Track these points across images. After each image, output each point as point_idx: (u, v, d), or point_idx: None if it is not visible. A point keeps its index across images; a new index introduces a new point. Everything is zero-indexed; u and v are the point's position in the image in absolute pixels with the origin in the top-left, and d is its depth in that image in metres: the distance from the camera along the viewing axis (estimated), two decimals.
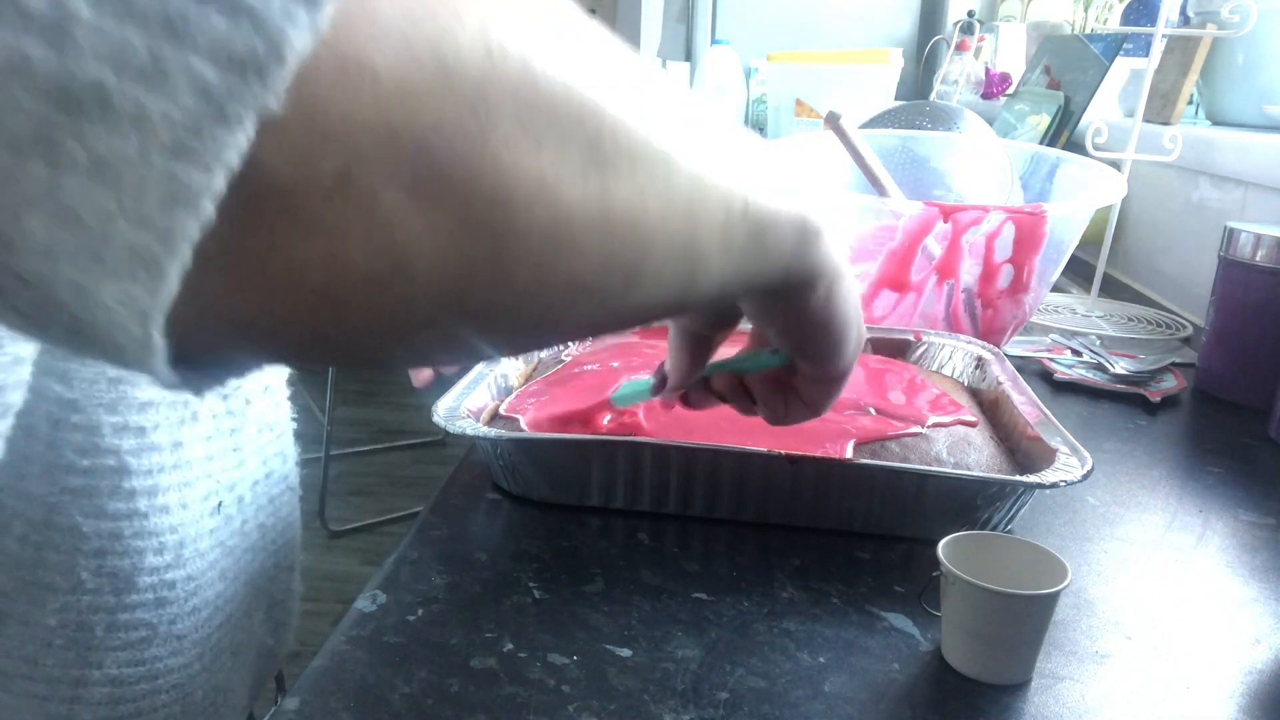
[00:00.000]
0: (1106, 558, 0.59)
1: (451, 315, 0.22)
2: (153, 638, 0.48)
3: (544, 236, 0.22)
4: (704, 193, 0.27)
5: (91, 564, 0.45)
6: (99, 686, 0.46)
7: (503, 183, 0.20)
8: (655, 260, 0.26)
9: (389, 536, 2.37)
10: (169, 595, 0.48)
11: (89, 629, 0.45)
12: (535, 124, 0.20)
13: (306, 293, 0.19)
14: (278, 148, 0.17)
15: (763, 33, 2.63)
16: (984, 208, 0.83)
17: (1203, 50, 1.21)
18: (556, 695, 0.44)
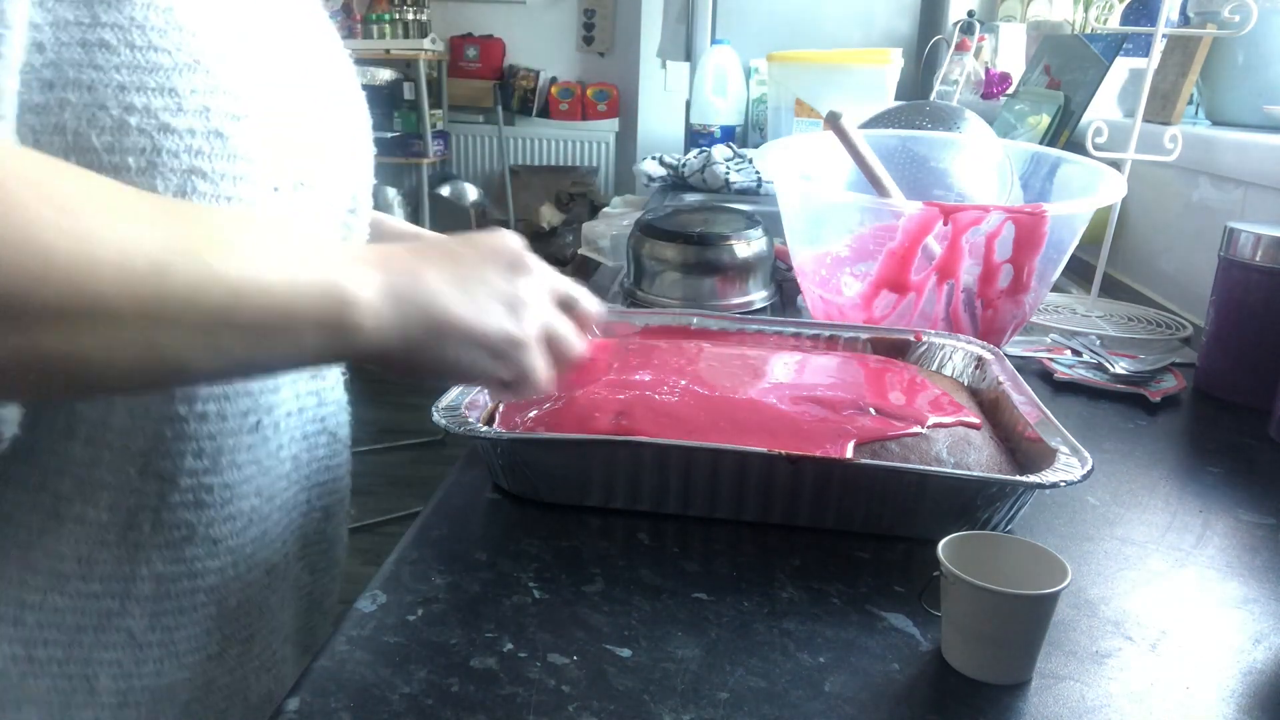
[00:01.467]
0: (1106, 558, 0.59)
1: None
2: (192, 537, 0.52)
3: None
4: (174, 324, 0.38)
5: (138, 463, 0.49)
6: (146, 583, 0.51)
7: None
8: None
9: (389, 536, 2.37)
10: (206, 499, 0.52)
11: (137, 527, 0.50)
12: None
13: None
14: None
15: (763, 33, 2.62)
16: (984, 208, 0.83)
17: (1203, 50, 1.21)
18: (556, 695, 0.44)
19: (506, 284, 0.49)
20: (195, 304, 0.38)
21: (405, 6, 4.16)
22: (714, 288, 1.03)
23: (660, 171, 1.98)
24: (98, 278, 0.35)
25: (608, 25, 4.35)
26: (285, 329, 0.41)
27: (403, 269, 0.45)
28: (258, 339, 0.40)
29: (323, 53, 0.60)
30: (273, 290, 0.40)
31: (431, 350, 0.46)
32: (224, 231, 0.41)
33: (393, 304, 0.44)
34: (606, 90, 4.37)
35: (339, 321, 0.42)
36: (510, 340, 0.49)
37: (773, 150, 0.99)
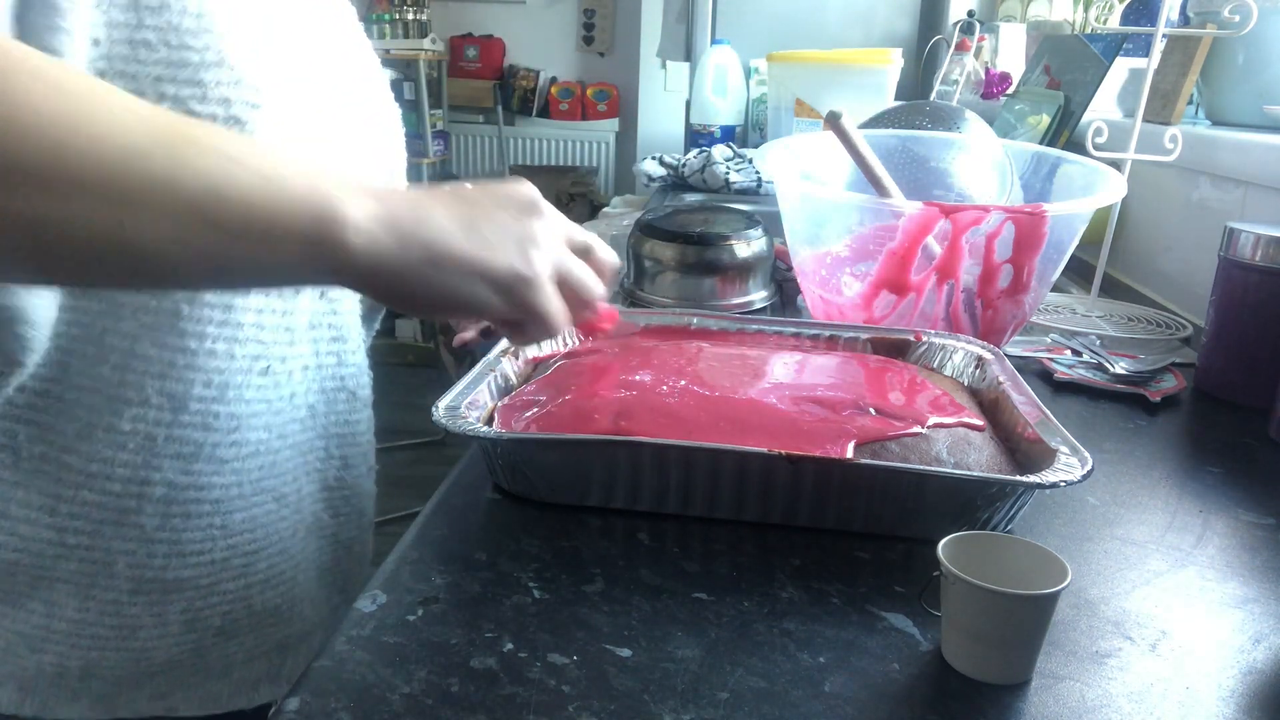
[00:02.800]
0: (1106, 558, 0.59)
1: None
2: (199, 454, 0.58)
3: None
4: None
5: (155, 384, 0.56)
6: (158, 487, 0.58)
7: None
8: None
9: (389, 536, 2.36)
10: (213, 423, 0.58)
11: (153, 439, 0.57)
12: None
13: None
14: None
15: (763, 33, 2.62)
16: (984, 208, 0.83)
17: (1203, 50, 1.21)
18: (556, 695, 0.44)
19: (518, 223, 0.49)
20: (169, 192, 0.39)
21: (405, 6, 4.16)
22: (714, 288, 1.03)
23: (660, 171, 1.98)
24: (73, 148, 0.37)
25: (608, 25, 4.35)
26: (264, 236, 0.41)
27: (406, 202, 0.46)
28: (233, 240, 0.41)
29: (347, 54, 0.65)
30: (253, 192, 0.41)
31: (428, 279, 0.46)
32: (213, 137, 0.42)
33: (387, 230, 0.44)
34: (606, 90, 4.37)
35: (323, 236, 0.42)
36: (518, 276, 0.48)
37: (773, 150, 0.99)
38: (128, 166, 0.38)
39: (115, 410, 0.55)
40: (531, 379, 0.72)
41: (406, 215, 0.46)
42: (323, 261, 0.43)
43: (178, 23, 0.51)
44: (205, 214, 0.40)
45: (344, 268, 0.44)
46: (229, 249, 0.41)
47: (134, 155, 0.38)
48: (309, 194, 0.42)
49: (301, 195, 0.42)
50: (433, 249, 0.46)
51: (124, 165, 0.38)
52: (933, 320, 0.88)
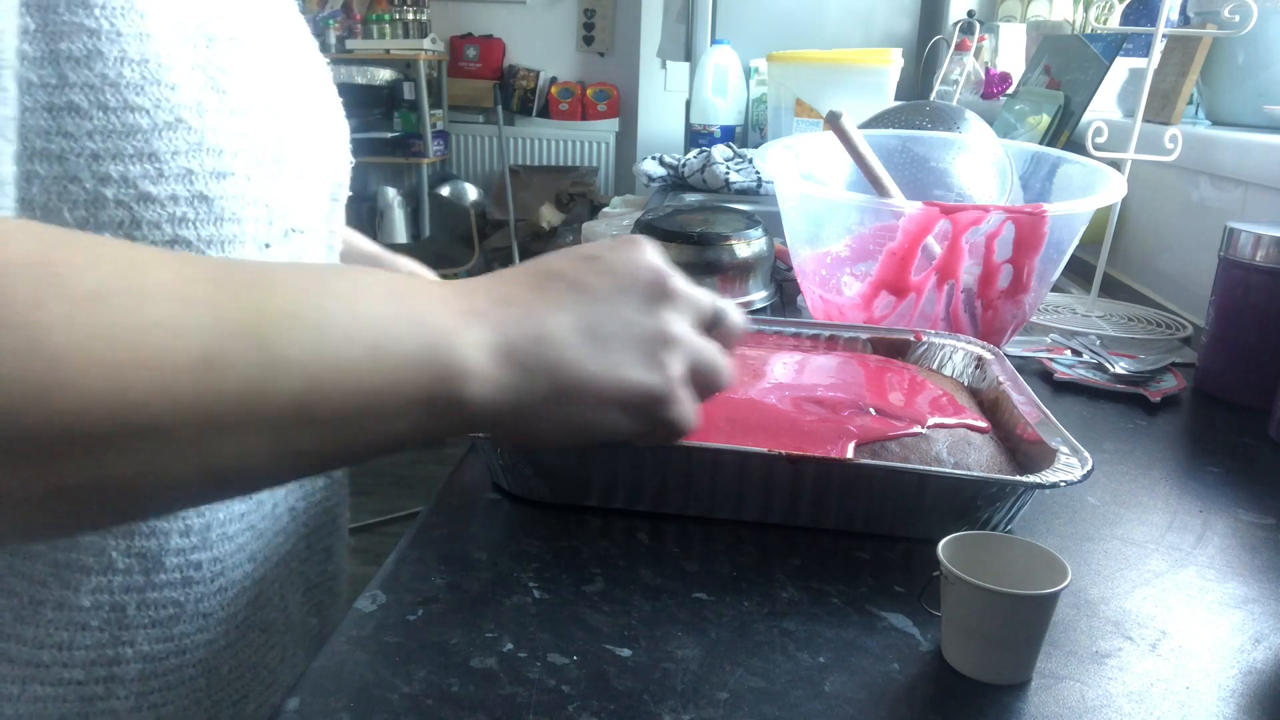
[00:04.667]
0: (1106, 558, 0.59)
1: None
2: (180, 615, 0.49)
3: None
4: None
5: (121, 545, 0.45)
6: (133, 664, 0.47)
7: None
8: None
9: (389, 536, 2.37)
10: (195, 575, 0.49)
11: (121, 609, 0.46)
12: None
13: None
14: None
15: (763, 33, 2.63)
16: (984, 208, 0.83)
17: (1203, 50, 1.21)
18: (556, 695, 0.44)
19: (647, 317, 0.42)
20: (260, 402, 0.31)
21: (405, 6, 4.17)
22: (714, 288, 1.03)
23: (660, 171, 1.98)
24: (129, 387, 0.28)
25: (608, 25, 4.35)
26: (375, 414, 0.34)
27: (519, 315, 0.39)
28: (340, 431, 0.33)
29: (298, 69, 0.53)
30: (358, 372, 0.33)
31: (555, 416, 0.40)
32: (286, 295, 0.33)
33: (506, 365, 0.37)
34: (606, 90, 4.37)
35: (445, 398, 0.36)
36: (652, 394, 0.42)
37: (772, 150, 0.99)
38: (207, 386, 0.30)
39: (68, 582, 0.44)
40: None
41: (524, 338, 0.38)
42: (438, 423, 0.37)
43: (115, 75, 0.38)
44: (308, 415, 0.32)
45: (461, 424, 0.37)
46: (334, 443, 0.34)
47: (208, 367, 0.30)
48: (421, 350, 0.35)
49: (413, 355, 0.35)
50: (558, 379, 0.39)
51: (202, 385, 0.30)
52: (933, 320, 0.88)
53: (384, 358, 0.34)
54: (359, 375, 0.33)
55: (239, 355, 0.30)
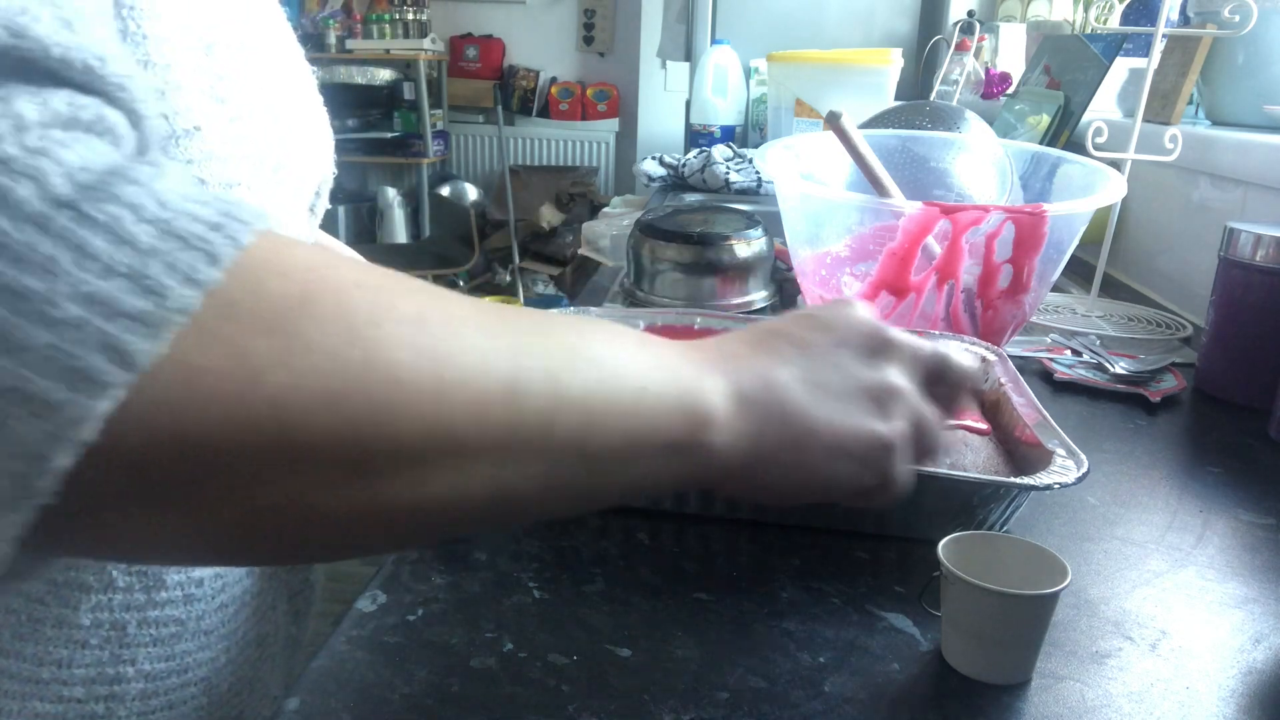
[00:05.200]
0: (1106, 558, 0.59)
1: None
2: (182, 633, 0.48)
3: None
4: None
5: (121, 565, 0.45)
6: (134, 683, 0.47)
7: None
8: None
9: None
10: (196, 593, 0.48)
11: (122, 627, 0.46)
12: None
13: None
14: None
15: (763, 33, 2.63)
16: (984, 208, 0.83)
17: (1203, 50, 1.21)
18: (556, 695, 0.44)
19: (868, 369, 0.41)
20: (547, 434, 0.32)
21: (405, 6, 4.17)
22: (714, 288, 1.03)
23: (660, 171, 1.98)
24: (451, 405, 0.29)
25: (608, 25, 4.35)
26: (634, 455, 0.35)
27: (747, 367, 0.39)
28: (602, 468, 0.34)
29: (295, 80, 0.52)
30: (628, 410, 0.34)
31: (788, 466, 0.39)
32: (563, 335, 0.34)
33: (744, 414, 0.37)
34: (606, 90, 4.37)
35: (692, 443, 0.36)
36: (879, 444, 0.40)
37: (773, 150, 0.99)
38: (509, 414, 0.31)
39: (67, 600, 0.44)
40: None
41: (756, 388, 0.38)
42: (684, 469, 0.37)
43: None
44: (582, 448, 0.33)
45: (702, 470, 0.37)
46: (595, 479, 0.34)
47: (511, 396, 0.31)
48: (676, 395, 0.36)
49: (669, 400, 0.35)
50: (790, 427, 0.39)
51: (505, 412, 0.31)
52: (933, 320, 0.88)
53: (646, 400, 0.35)
54: (626, 415, 0.34)
55: (534, 385, 0.31)
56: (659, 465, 0.36)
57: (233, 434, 0.26)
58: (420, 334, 0.29)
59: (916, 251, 0.84)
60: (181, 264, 0.25)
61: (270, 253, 0.27)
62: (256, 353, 0.26)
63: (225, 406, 0.26)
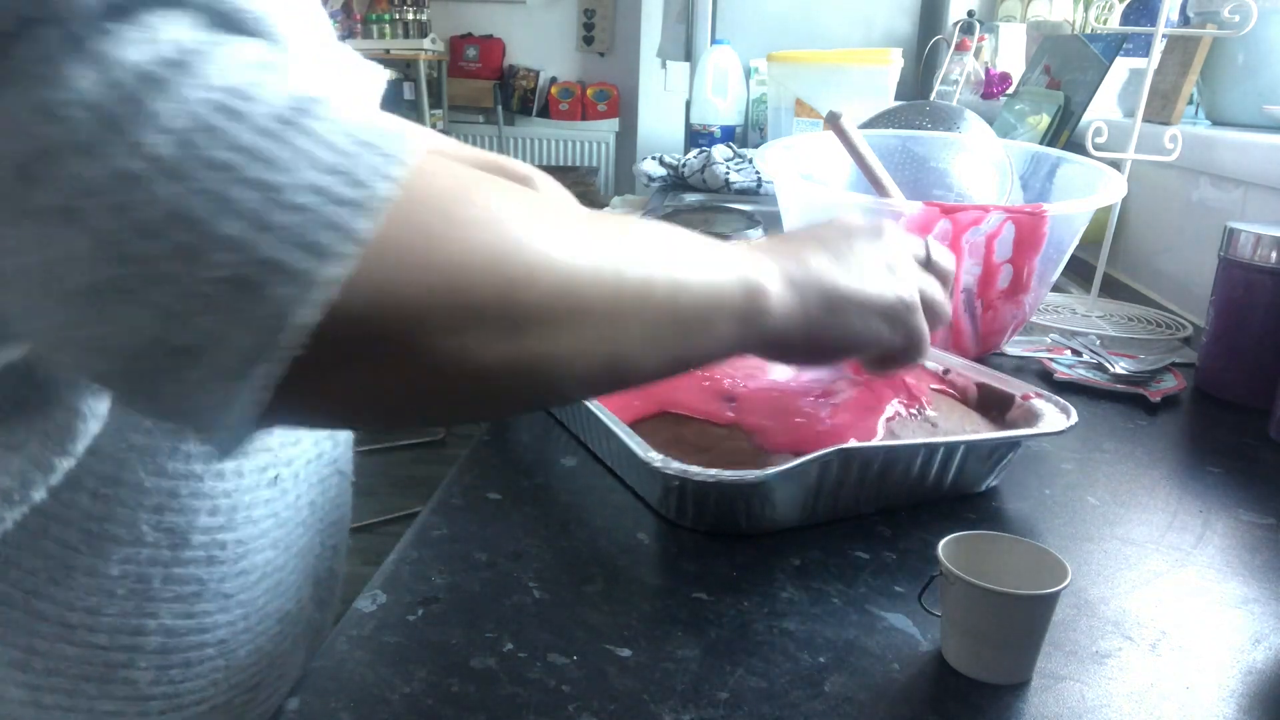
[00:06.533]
0: (1106, 558, 0.59)
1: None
2: (203, 593, 0.51)
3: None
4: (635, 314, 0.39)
5: (151, 519, 0.48)
6: (154, 636, 0.50)
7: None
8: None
9: (389, 536, 2.37)
10: (220, 555, 0.51)
11: (147, 580, 0.49)
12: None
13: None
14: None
15: (763, 33, 2.63)
16: (984, 207, 0.83)
17: (1203, 50, 1.21)
18: (556, 695, 0.44)
19: (877, 250, 0.51)
20: (647, 300, 0.40)
21: (405, 6, 4.17)
22: None
23: (660, 171, 1.98)
24: (575, 276, 0.37)
25: (608, 25, 4.35)
26: (711, 320, 0.43)
27: (787, 256, 0.48)
28: (688, 332, 0.42)
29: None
30: (700, 286, 0.42)
31: (832, 326, 0.48)
32: (650, 235, 0.43)
33: (790, 288, 0.46)
34: (606, 90, 4.37)
35: (755, 310, 0.44)
36: (902, 303, 0.51)
37: (773, 150, 0.99)
38: (618, 286, 0.39)
39: (99, 550, 0.47)
40: None
41: (795, 269, 0.47)
42: (751, 334, 0.45)
43: None
44: (674, 315, 0.41)
45: (765, 334, 0.45)
46: (683, 341, 0.42)
47: (618, 273, 0.39)
48: (736, 272, 0.44)
49: (735, 276, 0.44)
50: (827, 294, 0.48)
51: (614, 285, 0.38)
52: None
53: (715, 273, 0.43)
54: (702, 286, 0.42)
55: (633, 261, 0.39)
56: (732, 331, 0.44)
57: (422, 294, 0.33)
58: (546, 222, 0.37)
59: None
60: (376, 165, 0.32)
61: (434, 159, 0.34)
62: (437, 231, 0.33)
63: (418, 272, 0.33)
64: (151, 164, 0.29)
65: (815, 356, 0.50)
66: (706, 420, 0.64)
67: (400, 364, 0.34)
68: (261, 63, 0.32)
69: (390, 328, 0.33)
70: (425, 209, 0.33)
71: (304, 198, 0.30)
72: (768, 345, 0.47)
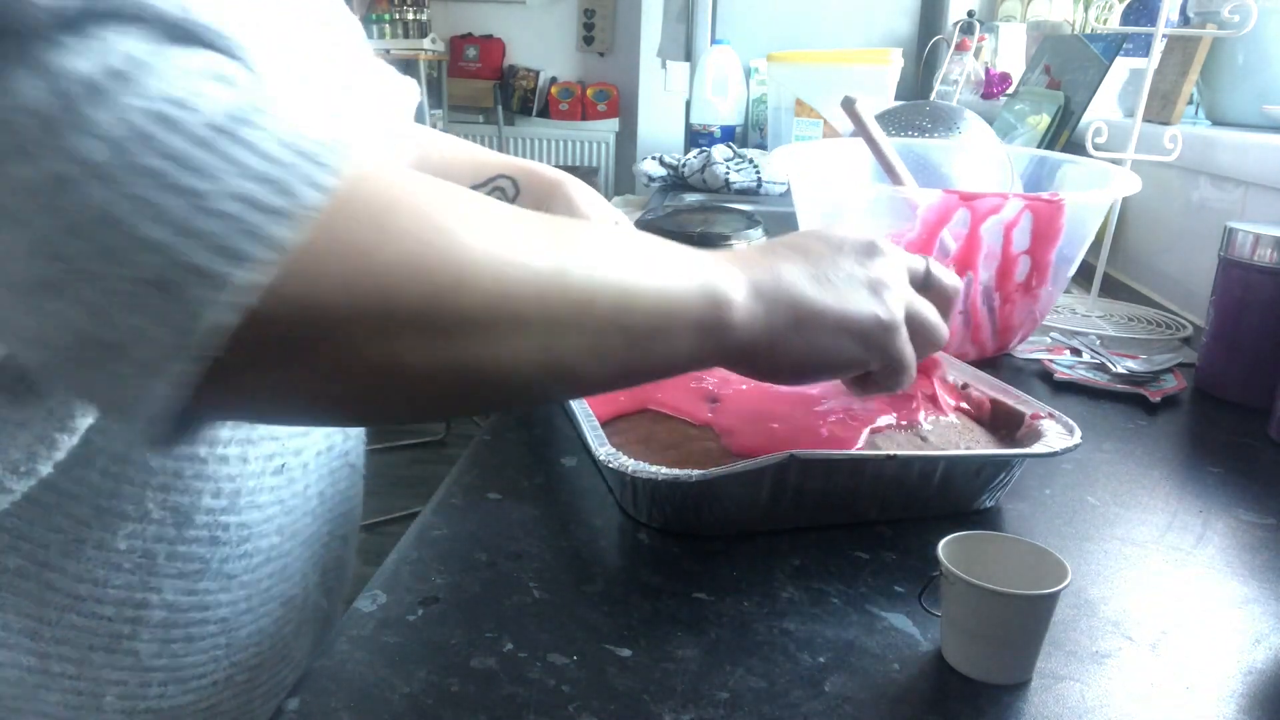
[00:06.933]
0: (1106, 558, 0.59)
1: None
2: (205, 571, 0.53)
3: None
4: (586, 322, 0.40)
5: (158, 497, 0.50)
6: (157, 610, 0.52)
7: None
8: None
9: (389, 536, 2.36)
10: (222, 536, 0.53)
11: (152, 556, 0.51)
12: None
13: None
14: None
15: (763, 33, 2.63)
16: (1003, 195, 0.83)
17: (1203, 50, 1.21)
18: (556, 695, 0.44)
19: (864, 268, 0.50)
20: (589, 309, 0.39)
21: (405, 6, 4.17)
22: None
23: (660, 171, 1.98)
24: (509, 283, 0.37)
25: (608, 25, 4.35)
26: (666, 331, 0.42)
27: (760, 266, 0.47)
28: (640, 342, 0.42)
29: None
30: (655, 294, 0.42)
31: (797, 342, 0.47)
32: (601, 241, 0.42)
33: (758, 300, 0.45)
34: (606, 90, 4.37)
35: (715, 322, 0.44)
36: (879, 323, 0.49)
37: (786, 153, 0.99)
38: (558, 293, 0.38)
39: (108, 525, 0.49)
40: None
41: (766, 280, 0.46)
42: (711, 346, 0.44)
43: None
44: (620, 323, 0.41)
45: (727, 347, 0.45)
46: (635, 352, 0.42)
47: (559, 278, 0.38)
48: (697, 282, 0.43)
49: (693, 285, 0.43)
50: (798, 310, 0.46)
51: (554, 292, 0.38)
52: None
53: (673, 282, 0.43)
54: (657, 297, 0.42)
55: (576, 268, 0.39)
56: (689, 342, 0.43)
57: (347, 301, 0.33)
58: (485, 229, 0.37)
59: (935, 241, 0.84)
60: (309, 174, 0.33)
61: (370, 167, 0.35)
62: (365, 240, 0.34)
63: (343, 280, 0.33)
64: (84, 168, 0.30)
65: (781, 373, 0.49)
66: (683, 419, 0.64)
67: (326, 367, 0.35)
68: (207, 72, 0.33)
69: (313, 332, 0.34)
70: (356, 218, 0.34)
71: (229, 205, 0.31)
72: (730, 358, 0.46)
